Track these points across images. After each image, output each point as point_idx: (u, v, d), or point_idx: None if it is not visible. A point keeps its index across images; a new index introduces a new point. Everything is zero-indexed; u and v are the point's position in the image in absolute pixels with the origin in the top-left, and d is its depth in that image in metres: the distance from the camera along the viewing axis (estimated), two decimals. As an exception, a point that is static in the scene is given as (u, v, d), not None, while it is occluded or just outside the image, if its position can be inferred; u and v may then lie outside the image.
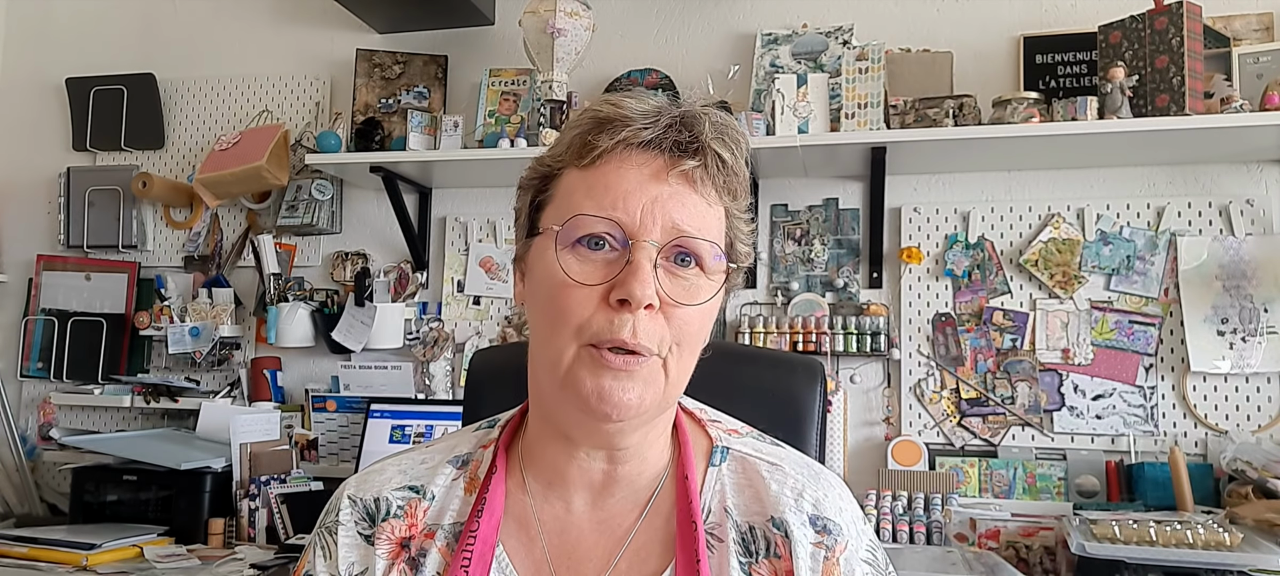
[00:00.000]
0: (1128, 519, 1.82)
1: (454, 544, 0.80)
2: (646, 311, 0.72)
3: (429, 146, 2.47)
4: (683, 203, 0.74)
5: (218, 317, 2.68)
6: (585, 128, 0.76)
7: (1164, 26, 2.04)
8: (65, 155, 2.97)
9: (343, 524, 0.83)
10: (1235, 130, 1.99)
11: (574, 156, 0.77)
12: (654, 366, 0.74)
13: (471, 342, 2.59)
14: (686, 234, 0.73)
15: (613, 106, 0.76)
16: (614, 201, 0.73)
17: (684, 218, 0.74)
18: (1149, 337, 2.20)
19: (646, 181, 0.74)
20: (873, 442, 2.33)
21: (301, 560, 0.85)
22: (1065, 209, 2.27)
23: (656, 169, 0.74)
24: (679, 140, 0.75)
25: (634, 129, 0.74)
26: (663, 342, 0.73)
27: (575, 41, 2.35)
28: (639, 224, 0.73)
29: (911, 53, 2.37)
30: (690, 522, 0.78)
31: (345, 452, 2.61)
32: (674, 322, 0.73)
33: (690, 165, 0.74)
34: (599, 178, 0.74)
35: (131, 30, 3.00)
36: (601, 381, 0.72)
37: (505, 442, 0.85)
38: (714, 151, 0.75)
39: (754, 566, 0.78)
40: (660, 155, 0.75)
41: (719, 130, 0.76)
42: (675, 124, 0.75)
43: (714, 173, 0.76)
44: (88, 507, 2.35)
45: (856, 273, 2.39)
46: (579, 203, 0.74)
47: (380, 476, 0.85)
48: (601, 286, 0.72)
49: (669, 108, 0.77)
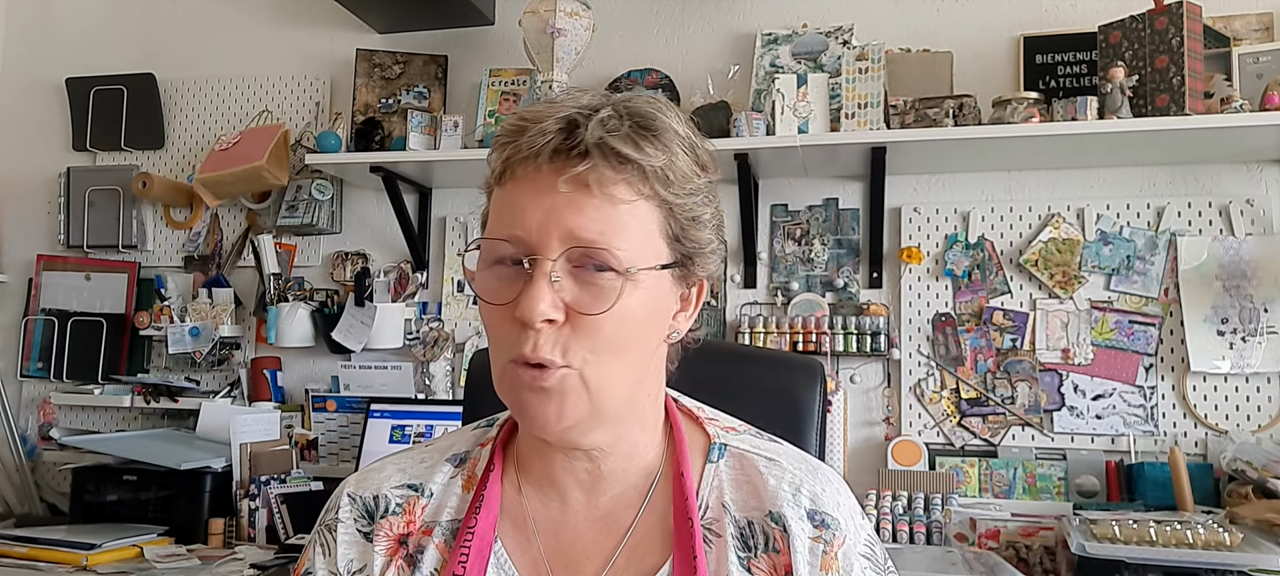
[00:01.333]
0: (1128, 519, 1.82)
1: (452, 540, 0.80)
2: (549, 326, 0.71)
3: (429, 146, 2.47)
4: (580, 209, 0.71)
5: (218, 317, 2.68)
6: (500, 143, 0.76)
7: (1164, 26, 2.04)
8: (65, 155, 2.97)
9: (342, 521, 0.84)
10: (1235, 130, 1.99)
11: (495, 176, 0.77)
12: (569, 379, 0.72)
13: (471, 342, 2.59)
14: (584, 241, 0.71)
15: (518, 118, 0.75)
16: (513, 219, 0.73)
17: (581, 224, 0.71)
18: (1149, 337, 2.20)
19: (541, 193, 0.72)
20: (873, 442, 2.33)
21: (302, 558, 0.86)
22: (1065, 209, 2.27)
23: (547, 178, 0.72)
24: (560, 147, 0.72)
25: (529, 138, 0.73)
26: (571, 353, 0.72)
27: (575, 41, 2.35)
28: (535, 239, 0.72)
29: (911, 53, 2.37)
30: (686, 518, 0.78)
31: (345, 452, 2.61)
32: (583, 331, 0.72)
33: (579, 169, 0.71)
34: (506, 196, 0.74)
35: (131, 30, 3.00)
36: (520, 396, 0.74)
37: (502, 441, 0.86)
38: (606, 148, 0.72)
39: (753, 561, 0.78)
40: (546, 165, 0.72)
41: (608, 126, 0.72)
42: (564, 127, 0.73)
43: (614, 169, 0.72)
44: (88, 507, 2.35)
45: (856, 273, 2.39)
46: (495, 221, 0.75)
47: (379, 475, 0.86)
48: (508, 305, 0.72)
49: (566, 109, 0.74)
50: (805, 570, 0.77)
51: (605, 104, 0.75)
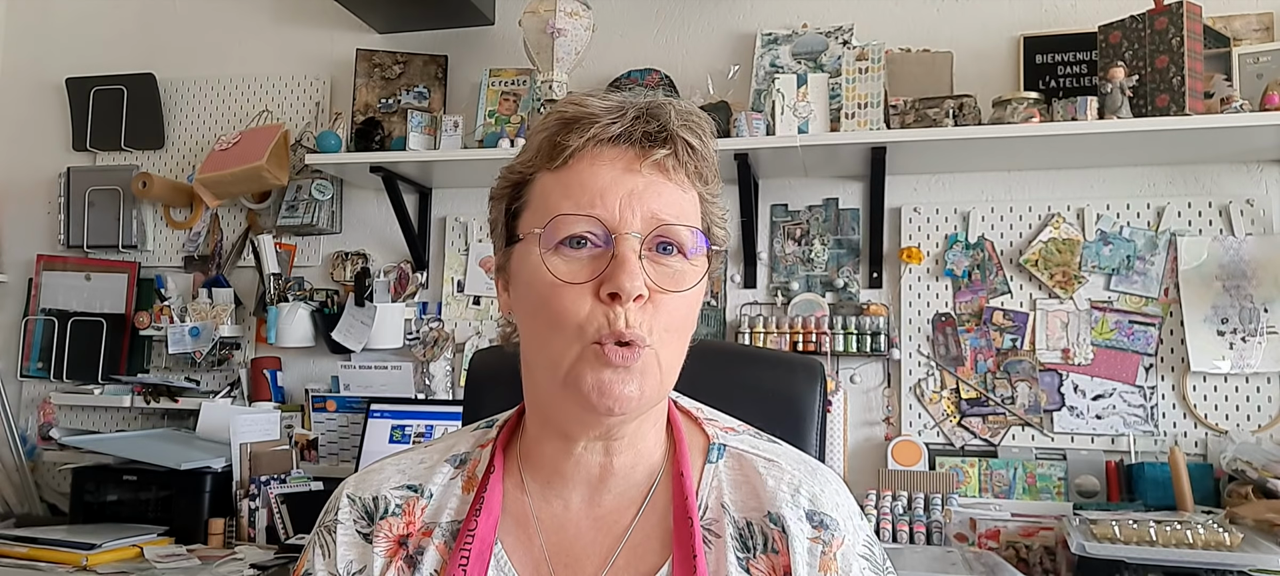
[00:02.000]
0: (1128, 519, 1.82)
1: (452, 542, 0.81)
2: (636, 303, 0.72)
3: (429, 146, 2.47)
4: (659, 192, 0.75)
5: (218, 317, 2.68)
6: (553, 130, 0.77)
7: (1164, 26, 2.04)
8: (65, 155, 2.97)
9: (341, 522, 0.84)
10: (1235, 130, 1.99)
11: (544, 160, 0.77)
12: (649, 358, 0.74)
13: (471, 342, 2.59)
14: (666, 222, 0.75)
15: (577, 106, 0.77)
16: (592, 199, 0.74)
17: (661, 206, 0.75)
18: (1149, 337, 2.20)
19: (621, 175, 0.75)
20: (873, 442, 2.33)
21: (301, 559, 0.86)
22: (1065, 209, 2.27)
23: (629, 161, 0.75)
24: (648, 131, 0.76)
25: (602, 125, 0.75)
26: (653, 332, 0.74)
27: (575, 41, 2.35)
28: (619, 217, 0.73)
29: (911, 53, 2.37)
30: (686, 519, 0.78)
31: (345, 452, 2.61)
32: (662, 311, 0.74)
33: (661, 154, 0.76)
34: (573, 177, 0.75)
35: (131, 30, 3.00)
36: (602, 376, 0.73)
37: (503, 442, 0.86)
38: (683, 139, 0.77)
39: (752, 562, 0.78)
40: (631, 148, 0.76)
41: (685, 118, 0.78)
42: (642, 116, 0.76)
43: (685, 159, 0.77)
44: (88, 507, 2.35)
45: (856, 273, 2.39)
46: (557, 204, 0.75)
47: (379, 475, 0.86)
48: (590, 283, 0.73)
49: (632, 101, 0.78)
50: (804, 570, 0.77)
51: (664, 98, 0.79)
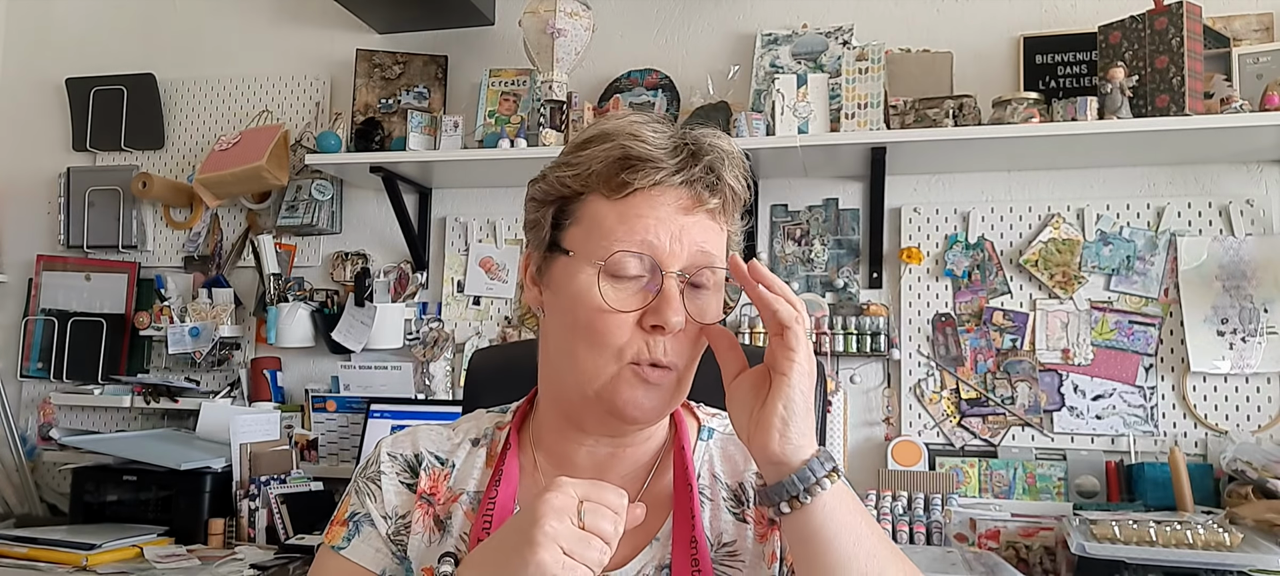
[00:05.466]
0: (1128, 519, 1.82)
1: (476, 508, 0.90)
2: (677, 334, 0.81)
3: (429, 146, 2.47)
4: (705, 232, 0.83)
5: (218, 318, 2.68)
6: (615, 161, 0.82)
7: (1164, 27, 2.04)
8: (65, 155, 2.97)
9: (385, 473, 0.93)
10: (1235, 130, 1.99)
11: (602, 185, 0.83)
12: (675, 377, 0.83)
13: (471, 343, 2.59)
14: (707, 262, 0.83)
15: (639, 142, 0.82)
16: (645, 235, 0.81)
17: (705, 242, 0.83)
18: (1149, 338, 2.20)
19: (675, 214, 0.82)
20: (873, 443, 2.33)
21: (342, 506, 0.94)
22: (1065, 209, 2.27)
23: (685, 204, 0.83)
24: (706, 180, 0.83)
25: (666, 172, 0.82)
26: (683, 356, 0.83)
27: (575, 41, 2.35)
28: (669, 253, 0.81)
29: (911, 53, 2.37)
30: (686, 485, 0.88)
31: (345, 453, 2.61)
32: (689, 337, 0.83)
33: (714, 203, 0.84)
34: (631, 209, 0.82)
35: (131, 30, 3.00)
36: (636, 393, 0.82)
37: (516, 426, 0.95)
38: (730, 187, 0.85)
39: (746, 513, 0.90)
40: (688, 190, 0.83)
41: (733, 163, 0.85)
42: (698, 161, 0.83)
43: (729, 204, 0.86)
44: (88, 507, 2.35)
45: (856, 273, 2.39)
46: (612, 231, 0.81)
47: (414, 437, 0.96)
48: (635, 313, 0.81)
49: (683, 140, 0.84)
50: None
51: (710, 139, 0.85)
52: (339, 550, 0.90)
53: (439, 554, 0.88)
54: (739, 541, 0.88)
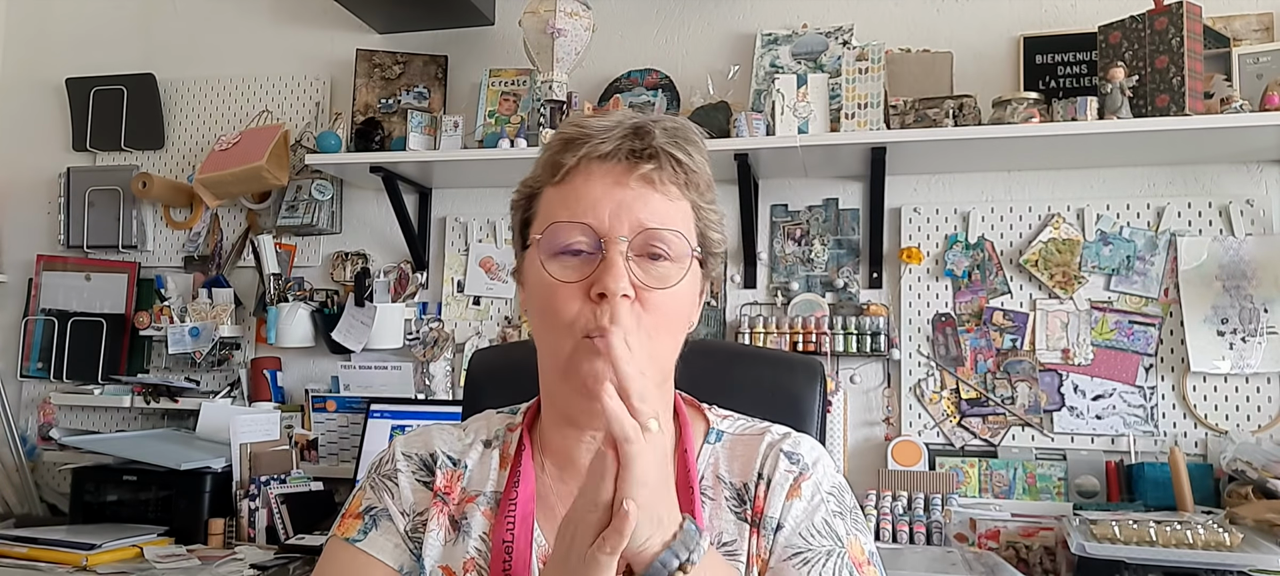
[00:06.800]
0: (1128, 519, 1.82)
1: (496, 508, 0.91)
2: (624, 301, 0.81)
3: (429, 146, 2.47)
4: (646, 202, 0.84)
5: (218, 318, 2.67)
6: (555, 149, 0.87)
7: (1164, 27, 2.04)
8: (65, 155, 2.97)
9: (401, 470, 0.94)
10: (1235, 130, 1.99)
11: (547, 175, 0.88)
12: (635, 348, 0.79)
13: (471, 342, 2.59)
14: (651, 228, 0.83)
15: (576, 127, 0.87)
16: (584, 209, 0.83)
17: (648, 215, 0.83)
18: (1149, 338, 2.20)
19: (611, 188, 0.84)
20: (873, 443, 2.33)
21: (355, 500, 0.94)
22: (1065, 209, 2.27)
23: (619, 176, 0.84)
24: (634, 148, 0.85)
25: (593, 144, 0.85)
26: (642, 327, 0.82)
27: (575, 41, 2.35)
28: (608, 225, 0.83)
29: (911, 53, 2.37)
30: (688, 487, 0.89)
31: (345, 453, 2.61)
32: (650, 308, 0.83)
33: (647, 168, 0.84)
34: (570, 191, 0.85)
35: (131, 30, 3.00)
36: (594, 366, 0.81)
37: (526, 426, 0.96)
38: (669, 154, 0.85)
39: (748, 512, 0.91)
40: (620, 163, 0.85)
41: (672, 135, 0.86)
42: (630, 134, 0.85)
43: (672, 173, 0.86)
44: (88, 508, 2.35)
45: (856, 273, 2.39)
46: (555, 214, 0.85)
47: (427, 437, 0.97)
48: (581, 284, 0.82)
49: (626, 120, 0.87)
50: (778, 496, 0.89)
51: (653, 118, 0.88)
52: (354, 542, 0.90)
53: (460, 555, 0.88)
54: (739, 541, 0.89)
